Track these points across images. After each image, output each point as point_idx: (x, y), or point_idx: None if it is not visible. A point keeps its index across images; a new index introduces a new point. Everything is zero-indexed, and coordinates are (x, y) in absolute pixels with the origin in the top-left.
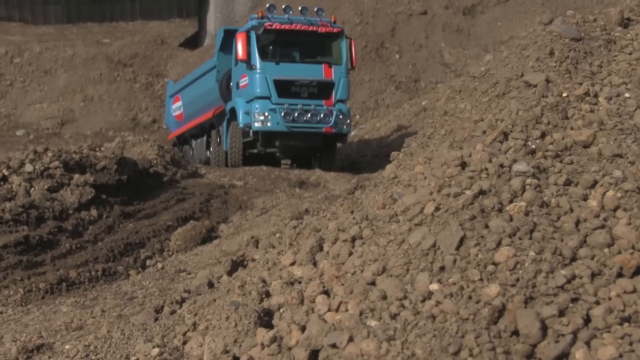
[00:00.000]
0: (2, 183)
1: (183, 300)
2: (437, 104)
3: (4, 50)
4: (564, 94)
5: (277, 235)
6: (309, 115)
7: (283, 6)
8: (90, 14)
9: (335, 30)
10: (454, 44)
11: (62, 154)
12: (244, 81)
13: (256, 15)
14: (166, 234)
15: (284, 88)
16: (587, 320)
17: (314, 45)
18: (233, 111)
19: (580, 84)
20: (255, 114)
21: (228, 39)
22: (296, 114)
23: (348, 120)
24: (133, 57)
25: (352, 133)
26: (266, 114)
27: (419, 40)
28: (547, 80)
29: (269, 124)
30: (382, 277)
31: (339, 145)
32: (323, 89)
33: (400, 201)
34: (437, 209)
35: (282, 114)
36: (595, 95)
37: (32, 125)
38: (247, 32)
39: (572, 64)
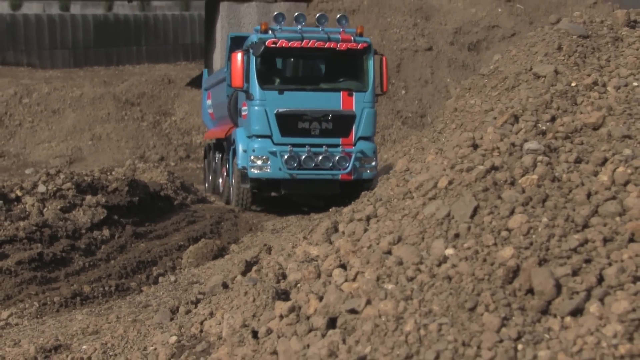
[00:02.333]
0: (15, 203)
1: (198, 301)
2: (447, 102)
3: (12, 91)
4: (573, 84)
5: (290, 244)
6: (320, 158)
7: (295, 14)
8: (97, 58)
9: (359, 46)
10: (460, 79)
11: (74, 176)
12: (244, 110)
13: (259, 28)
14: (178, 253)
15: (289, 124)
16: (600, 279)
17: (331, 66)
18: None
19: (589, 75)
20: (252, 157)
21: (238, 47)
22: (302, 158)
23: (373, 163)
24: (140, 96)
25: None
26: (264, 157)
27: (425, 75)
28: (556, 72)
29: (268, 170)
30: (397, 245)
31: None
32: (340, 124)
33: (413, 179)
34: (450, 182)
35: (285, 158)
36: (604, 85)
37: (40, 164)
38: (244, 53)
39: (580, 58)
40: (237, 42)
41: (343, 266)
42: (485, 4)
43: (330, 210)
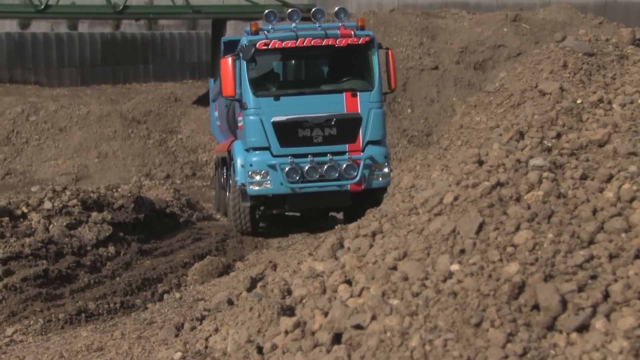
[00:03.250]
0: (21, 220)
1: (203, 318)
2: (453, 119)
3: (20, 108)
4: (578, 101)
5: (296, 261)
6: (325, 168)
7: (288, 10)
8: (104, 77)
9: (360, 40)
10: (466, 98)
11: (80, 193)
12: (240, 121)
13: (249, 30)
14: (183, 270)
15: (289, 132)
16: (606, 295)
17: (331, 65)
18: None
19: (594, 92)
20: (250, 172)
21: (232, 52)
22: (305, 169)
23: (385, 169)
24: (147, 114)
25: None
26: (263, 172)
27: (431, 94)
28: (562, 89)
29: (268, 186)
30: (403, 261)
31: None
32: (345, 129)
33: (419, 195)
34: (455, 198)
35: (286, 170)
36: (609, 102)
37: (47, 181)
38: (234, 58)
39: (586, 75)
40: (231, 47)
41: (348, 282)
42: (491, 24)
43: (336, 227)
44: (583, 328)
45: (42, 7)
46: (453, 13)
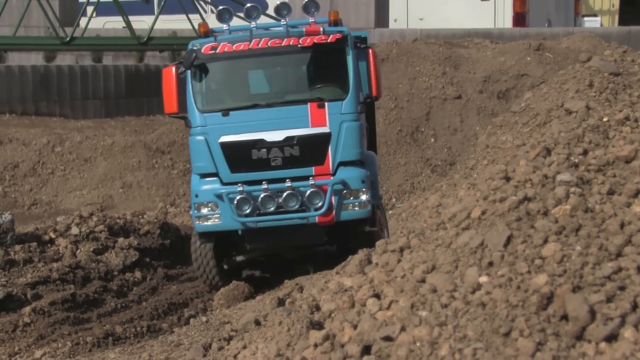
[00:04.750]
0: (49, 245)
1: (231, 338)
2: (479, 140)
3: (45, 139)
4: (605, 119)
5: (324, 281)
6: (283, 197)
7: (247, 5)
8: (128, 108)
9: (330, 38)
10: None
11: (106, 219)
12: None
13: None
14: (209, 295)
15: (240, 155)
16: (635, 306)
17: (294, 71)
18: None
19: (621, 110)
20: (197, 205)
21: None
22: (260, 199)
23: (363, 197)
24: (171, 144)
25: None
26: (211, 204)
27: (454, 124)
28: (588, 107)
29: (217, 220)
30: (431, 274)
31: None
32: (310, 148)
33: (446, 210)
34: (483, 212)
35: (236, 201)
36: (636, 120)
37: (72, 211)
38: (177, 67)
39: (612, 94)
40: None
41: (377, 295)
42: (514, 53)
43: (360, 250)
44: (612, 338)
45: (68, 39)
46: (476, 43)
